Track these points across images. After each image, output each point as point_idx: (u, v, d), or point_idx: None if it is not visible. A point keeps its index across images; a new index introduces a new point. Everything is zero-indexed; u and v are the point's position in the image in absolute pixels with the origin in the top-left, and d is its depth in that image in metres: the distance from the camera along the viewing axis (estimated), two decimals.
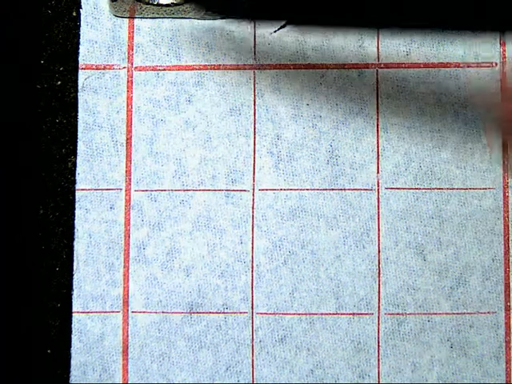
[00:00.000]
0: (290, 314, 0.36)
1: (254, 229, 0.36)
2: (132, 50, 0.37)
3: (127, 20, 0.37)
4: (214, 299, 0.36)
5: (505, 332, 0.35)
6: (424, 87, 0.36)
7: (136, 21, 0.37)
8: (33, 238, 0.36)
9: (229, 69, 0.37)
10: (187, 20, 0.37)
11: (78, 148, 0.37)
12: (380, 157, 0.36)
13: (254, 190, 0.36)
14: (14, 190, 0.36)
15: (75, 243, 0.36)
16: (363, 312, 0.36)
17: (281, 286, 0.36)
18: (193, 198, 0.36)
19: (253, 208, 0.36)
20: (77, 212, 0.36)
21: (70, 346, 0.36)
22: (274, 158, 0.36)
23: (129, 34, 0.37)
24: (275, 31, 0.37)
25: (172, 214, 0.36)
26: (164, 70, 0.37)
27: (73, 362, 0.36)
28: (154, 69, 0.37)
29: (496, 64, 0.35)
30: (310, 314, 0.36)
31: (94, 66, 0.37)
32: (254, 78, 0.36)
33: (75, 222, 0.36)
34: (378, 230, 0.36)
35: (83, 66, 0.37)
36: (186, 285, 0.36)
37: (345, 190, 0.36)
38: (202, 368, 0.36)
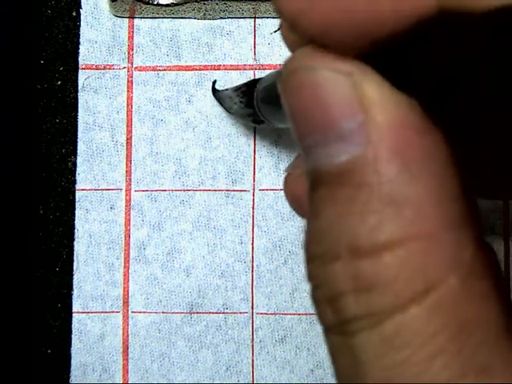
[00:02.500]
0: (290, 314, 0.36)
1: (255, 229, 0.36)
2: (132, 49, 0.37)
3: (127, 20, 0.37)
4: (214, 299, 0.36)
5: None
6: None
7: (136, 21, 0.37)
8: (33, 237, 0.36)
9: (229, 69, 0.36)
10: (187, 20, 0.37)
11: (78, 148, 0.37)
12: None
13: (254, 190, 0.36)
14: (14, 190, 0.36)
15: (75, 243, 0.36)
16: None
17: (281, 286, 0.36)
18: (193, 198, 0.36)
19: (253, 208, 0.36)
20: (77, 212, 0.36)
21: (70, 346, 0.36)
22: (275, 158, 0.36)
23: (129, 33, 0.37)
24: (275, 31, 0.37)
25: (172, 214, 0.36)
26: (164, 70, 0.37)
27: (73, 362, 0.36)
28: (154, 69, 0.37)
29: None
30: (310, 314, 0.36)
31: (94, 66, 0.37)
32: (254, 77, 0.36)
33: (75, 222, 0.36)
34: None
35: (83, 66, 0.37)
36: (186, 285, 0.36)
37: None
38: (202, 368, 0.36)
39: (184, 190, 0.36)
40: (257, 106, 0.31)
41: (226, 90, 0.35)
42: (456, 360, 0.16)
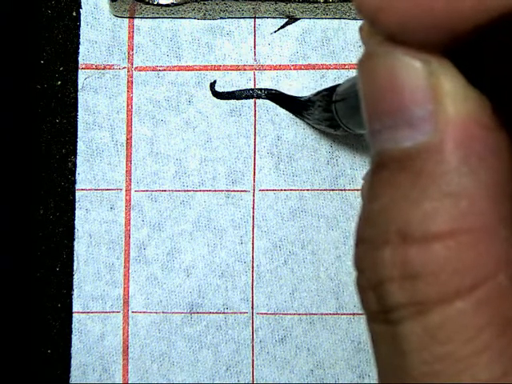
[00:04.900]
0: (290, 314, 0.36)
1: (255, 229, 0.36)
2: (132, 50, 0.37)
3: (127, 20, 0.37)
4: (214, 299, 0.36)
5: None
6: None
7: (136, 21, 0.37)
8: (33, 238, 0.36)
9: (229, 69, 0.37)
10: (187, 20, 0.37)
11: (78, 148, 0.37)
12: None
13: (254, 190, 0.36)
14: (14, 190, 0.36)
15: (75, 243, 0.36)
16: (363, 312, 0.36)
17: (281, 286, 0.36)
18: (193, 199, 0.36)
19: (253, 208, 0.36)
20: (77, 212, 0.36)
21: (70, 346, 0.36)
22: (275, 158, 0.36)
23: (129, 34, 0.37)
24: (275, 31, 0.37)
25: (172, 214, 0.36)
26: (164, 70, 0.37)
27: (73, 362, 0.36)
28: (154, 69, 0.37)
29: None
30: (310, 314, 0.36)
31: (94, 66, 0.37)
32: (254, 78, 0.36)
33: (75, 222, 0.36)
34: None
35: (83, 66, 0.37)
36: (187, 285, 0.36)
37: (345, 190, 0.36)
38: (202, 368, 0.36)
39: (184, 191, 0.36)
40: (335, 109, 0.31)
41: (306, 97, 0.35)
42: (500, 359, 0.16)
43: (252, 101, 0.36)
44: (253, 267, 0.36)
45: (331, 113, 0.32)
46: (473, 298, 0.16)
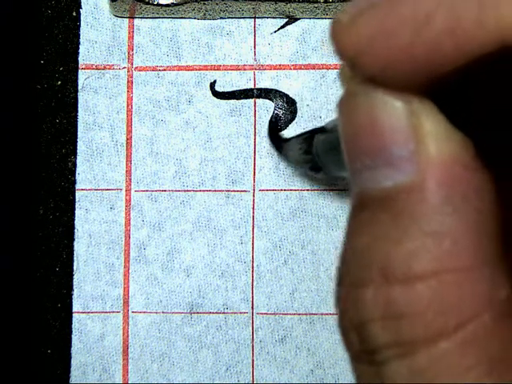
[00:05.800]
0: (290, 314, 0.36)
1: (255, 229, 0.36)
2: (132, 50, 0.37)
3: (127, 20, 0.37)
4: (214, 299, 0.36)
5: None
6: None
7: (136, 21, 0.37)
8: (33, 237, 0.36)
9: (229, 69, 0.37)
10: (187, 20, 0.37)
11: (78, 148, 0.37)
12: None
13: (254, 190, 0.36)
14: (14, 190, 0.36)
15: (75, 243, 0.36)
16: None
17: (281, 286, 0.36)
18: (193, 199, 0.36)
19: (253, 208, 0.36)
20: (77, 212, 0.36)
21: (70, 346, 0.36)
22: (275, 158, 0.36)
23: (129, 34, 0.37)
24: (275, 31, 0.37)
25: (172, 214, 0.36)
26: (164, 70, 0.37)
27: (73, 362, 0.36)
28: (154, 69, 0.37)
29: None
30: (310, 314, 0.36)
31: (94, 66, 0.37)
32: (254, 78, 0.36)
33: (75, 222, 0.36)
34: None
35: (83, 66, 0.37)
36: (187, 285, 0.36)
37: (345, 190, 0.36)
38: (202, 368, 0.36)
39: (184, 191, 0.36)
40: (316, 151, 0.31)
41: (288, 138, 0.35)
42: None
43: (252, 101, 0.36)
44: (253, 267, 0.36)
45: (311, 155, 0.32)
46: (458, 338, 0.16)
